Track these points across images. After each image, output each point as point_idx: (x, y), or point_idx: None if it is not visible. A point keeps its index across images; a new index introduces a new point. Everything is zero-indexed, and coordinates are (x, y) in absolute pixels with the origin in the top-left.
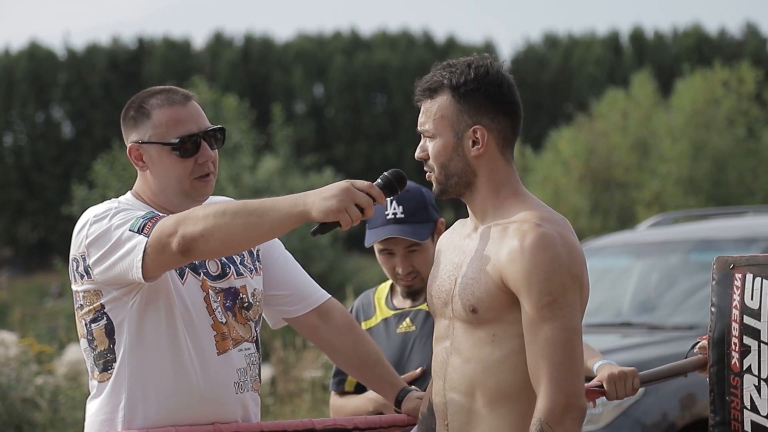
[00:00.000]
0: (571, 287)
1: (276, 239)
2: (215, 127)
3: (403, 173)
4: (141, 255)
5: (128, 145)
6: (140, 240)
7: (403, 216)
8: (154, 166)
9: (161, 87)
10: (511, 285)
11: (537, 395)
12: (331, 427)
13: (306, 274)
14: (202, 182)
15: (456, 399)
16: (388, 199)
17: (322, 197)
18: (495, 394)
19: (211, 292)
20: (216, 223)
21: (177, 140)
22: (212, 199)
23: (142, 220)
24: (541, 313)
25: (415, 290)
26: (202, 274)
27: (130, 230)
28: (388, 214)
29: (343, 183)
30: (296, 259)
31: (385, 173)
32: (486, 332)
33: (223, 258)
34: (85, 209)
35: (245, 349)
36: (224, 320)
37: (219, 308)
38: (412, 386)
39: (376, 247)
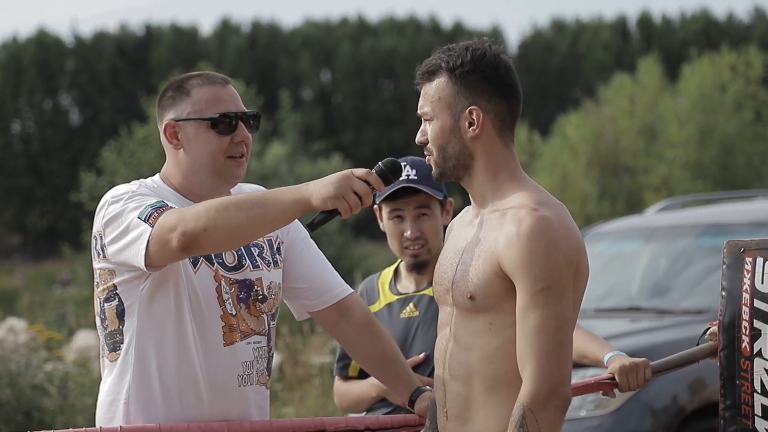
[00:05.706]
0: (566, 274)
1: (302, 231)
2: (252, 111)
3: (398, 162)
4: (145, 245)
5: (164, 123)
6: (145, 229)
7: (416, 178)
8: (189, 144)
9: (199, 72)
10: (508, 270)
11: (522, 380)
12: (342, 428)
13: (329, 267)
14: (236, 162)
15: (454, 386)
16: (402, 164)
17: (321, 185)
18: (491, 381)
19: (224, 282)
20: (219, 216)
21: (216, 115)
22: (241, 186)
23: (150, 209)
24: (535, 299)
25: (421, 262)
26: (216, 264)
27: (138, 217)
28: (401, 176)
29: (343, 171)
30: None
31: (380, 162)
32: (483, 320)
33: (240, 249)
34: (94, 196)
35: (254, 342)
36: (234, 312)
37: (230, 299)
38: (426, 387)
39: (386, 212)
